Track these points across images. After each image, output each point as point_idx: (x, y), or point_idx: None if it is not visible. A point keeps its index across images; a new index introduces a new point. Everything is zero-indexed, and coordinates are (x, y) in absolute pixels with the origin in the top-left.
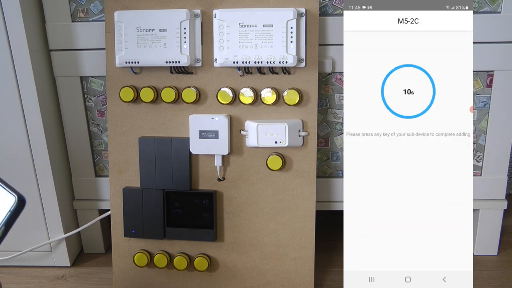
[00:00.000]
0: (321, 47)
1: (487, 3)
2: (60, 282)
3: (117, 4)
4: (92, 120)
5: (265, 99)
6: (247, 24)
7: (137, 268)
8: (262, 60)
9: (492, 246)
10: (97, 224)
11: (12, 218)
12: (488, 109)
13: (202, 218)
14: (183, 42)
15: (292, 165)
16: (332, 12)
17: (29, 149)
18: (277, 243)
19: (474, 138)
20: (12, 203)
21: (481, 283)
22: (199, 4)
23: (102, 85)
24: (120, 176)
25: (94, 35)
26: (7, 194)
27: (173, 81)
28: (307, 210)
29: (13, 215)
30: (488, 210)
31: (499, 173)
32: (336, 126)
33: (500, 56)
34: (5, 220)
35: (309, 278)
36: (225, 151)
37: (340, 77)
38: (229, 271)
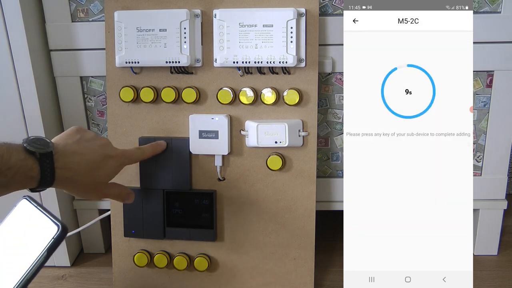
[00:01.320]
0: (321, 47)
1: (487, 3)
2: (60, 282)
3: (117, 4)
4: (92, 120)
5: (265, 99)
6: (247, 24)
7: (137, 268)
8: (262, 60)
9: (492, 246)
10: (97, 224)
11: (55, 245)
12: (488, 109)
13: (202, 218)
14: (183, 42)
15: (292, 165)
16: (332, 12)
17: None
18: (277, 243)
19: (474, 138)
20: (55, 232)
21: (481, 283)
22: (199, 4)
23: (102, 85)
24: (120, 176)
25: (94, 35)
26: (51, 223)
27: (173, 81)
28: (307, 210)
29: (55, 242)
30: (488, 210)
31: (499, 173)
32: (336, 126)
33: (500, 56)
34: (48, 247)
35: (309, 278)
36: (225, 151)
37: (340, 77)
38: (229, 271)
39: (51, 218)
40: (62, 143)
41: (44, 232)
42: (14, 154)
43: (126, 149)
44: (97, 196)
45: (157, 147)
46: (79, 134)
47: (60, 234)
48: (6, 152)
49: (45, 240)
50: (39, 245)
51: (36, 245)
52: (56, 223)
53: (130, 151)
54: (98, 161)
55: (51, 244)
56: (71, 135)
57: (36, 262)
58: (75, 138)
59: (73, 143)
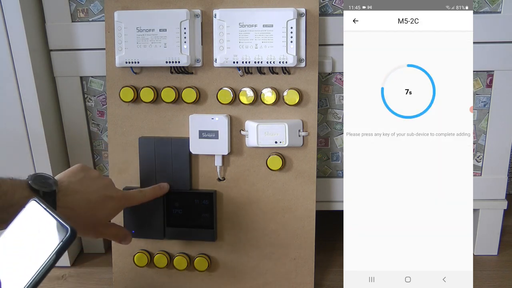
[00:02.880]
0: (321, 47)
1: (487, 3)
2: (60, 282)
3: (117, 4)
4: (92, 120)
5: (265, 99)
6: (247, 24)
7: (137, 268)
8: (262, 60)
9: (492, 246)
10: None
11: (63, 249)
12: (488, 109)
13: (202, 218)
14: (183, 42)
15: (292, 165)
16: (332, 12)
17: (29, 149)
18: (277, 243)
19: (474, 138)
20: (64, 235)
21: (481, 283)
22: (199, 4)
23: (102, 85)
24: (120, 176)
25: (94, 35)
26: (60, 226)
27: (173, 81)
28: (307, 210)
29: (64, 246)
30: (488, 210)
31: (499, 173)
32: (336, 126)
33: (500, 56)
34: (56, 250)
35: (309, 278)
36: (225, 151)
37: (340, 77)
38: (229, 271)
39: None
40: (66, 181)
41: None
42: (18, 191)
43: (128, 191)
44: (94, 235)
45: (159, 190)
46: (83, 173)
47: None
48: (11, 189)
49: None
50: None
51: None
52: (65, 226)
53: (131, 194)
54: (99, 202)
55: (60, 247)
56: (76, 173)
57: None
58: (79, 177)
59: (77, 182)
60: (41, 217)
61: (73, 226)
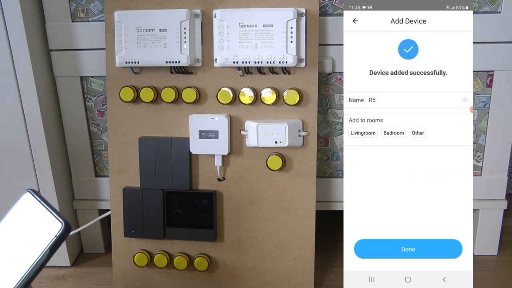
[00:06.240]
0: (321, 47)
1: (487, 3)
2: (60, 282)
3: (117, 4)
4: (92, 120)
5: (265, 99)
6: (247, 24)
7: (137, 268)
8: (262, 60)
9: (492, 246)
10: (97, 224)
11: (58, 243)
12: (488, 109)
13: (202, 218)
14: (183, 42)
15: (292, 165)
16: (332, 12)
17: (29, 149)
18: (277, 243)
19: (474, 138)
20: (58, 229)
21: (481, 283)
22: (199, 4)
23: (102, 85)
24: (120, 176)
25: (94, 35)
26: (54, 220)
27: (173, 81)
28: (307, 210)
29: (58, 240)
30: (488, 210)
31: (499, 173)
32: (336, 126)
33: (500, 56)
34: (50, 245)
35: (309, 278)
36: (225, 151)
37: (340, 77)
38: (229, 271)
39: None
40: None
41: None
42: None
43: None
44: None
45: None
46: None
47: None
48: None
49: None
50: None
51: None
52: (59, 220)
53: None
54: None
55: (54, 242)
56: None
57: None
58: None
59: None
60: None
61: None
